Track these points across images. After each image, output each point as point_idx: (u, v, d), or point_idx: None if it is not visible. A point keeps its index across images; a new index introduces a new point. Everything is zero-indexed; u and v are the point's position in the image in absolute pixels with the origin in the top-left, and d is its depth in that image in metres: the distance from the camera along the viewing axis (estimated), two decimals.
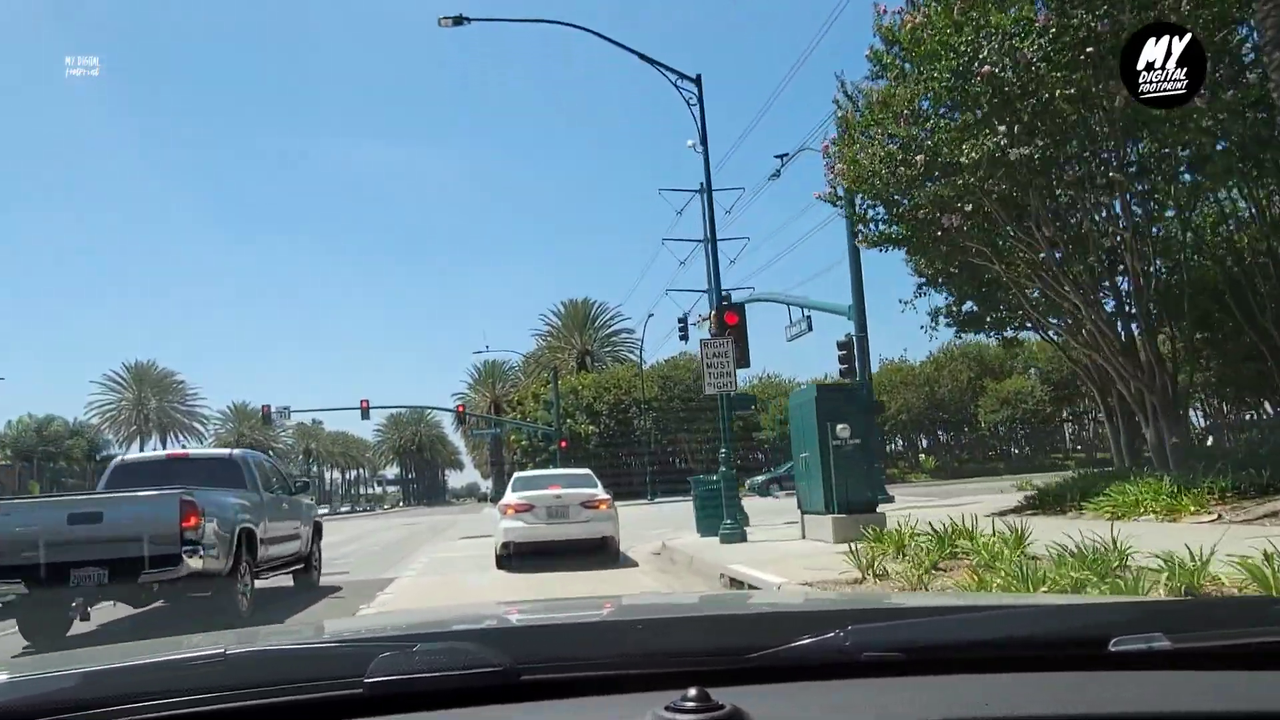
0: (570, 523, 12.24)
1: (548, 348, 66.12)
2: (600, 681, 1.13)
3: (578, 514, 12.27)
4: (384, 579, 12.42)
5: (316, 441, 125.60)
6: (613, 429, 54.99)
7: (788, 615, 1.74)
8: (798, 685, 1.11)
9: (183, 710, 1.06)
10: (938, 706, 1.00)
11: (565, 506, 12.28)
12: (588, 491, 12.72)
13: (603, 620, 1.79)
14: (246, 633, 2.18)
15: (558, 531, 12.19)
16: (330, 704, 1.07)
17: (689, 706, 0.93)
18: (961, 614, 1.51)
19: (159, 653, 1.34)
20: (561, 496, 12.37)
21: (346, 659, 1.17)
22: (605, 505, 12.57)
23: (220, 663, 1.17)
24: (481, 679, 1.08)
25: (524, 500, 12.38)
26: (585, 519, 12.32)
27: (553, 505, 12.24)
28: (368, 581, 12.13)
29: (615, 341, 67.41)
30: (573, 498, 12.41)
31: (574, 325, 66.52)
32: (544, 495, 12.41)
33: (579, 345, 66.13)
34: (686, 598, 4.36)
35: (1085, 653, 1.19)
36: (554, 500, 12.30)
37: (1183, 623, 1.29)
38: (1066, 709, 1.02)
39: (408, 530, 28.44)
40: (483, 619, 1.84)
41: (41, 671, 1.26)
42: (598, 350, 66.64)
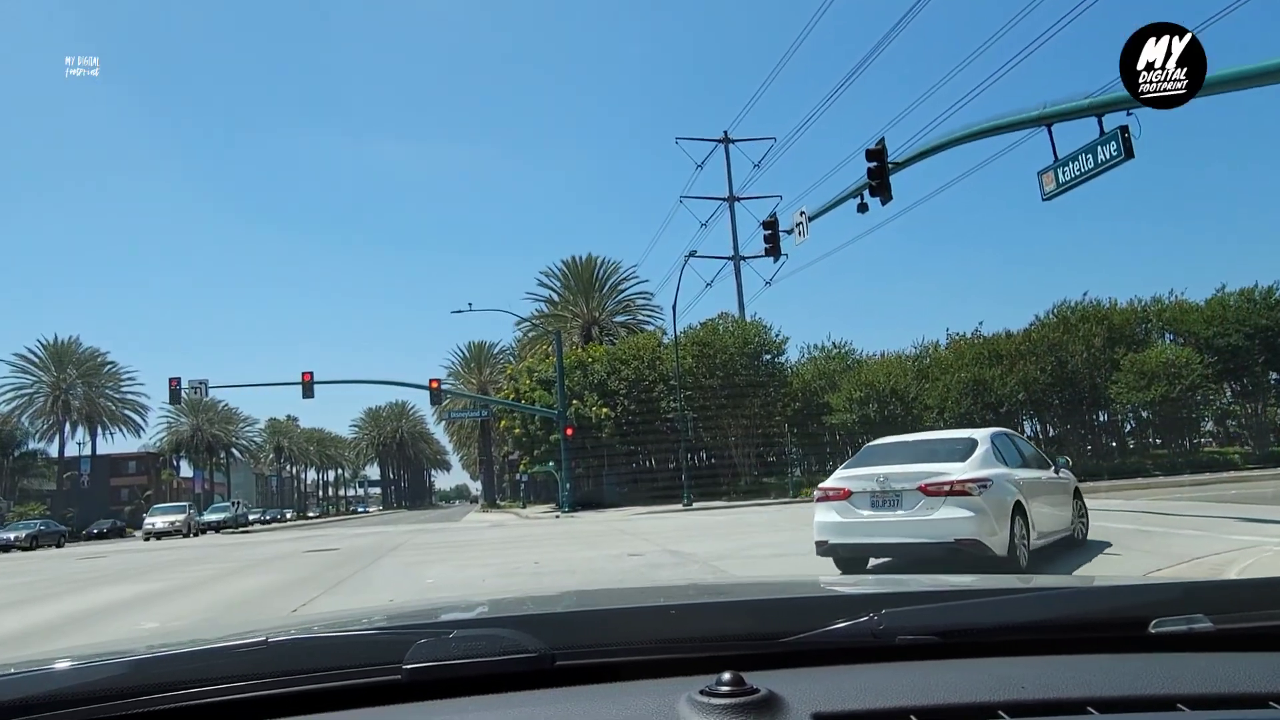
0: (902, 517, 7.91)
1: (548, 315, 52.07)
2: (635, 666, 1.13)
3: (913, 502, 7.87)
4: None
5: (289, 439, 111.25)
6: (632, 413, 41.24)
7: (821, 600, 1.67)
8: (832, 669, 1.09)
9: (227, 696, 1.06)
10: (974, 689, 0.98)
11: (896, 493, 7.95)
12: (931, 469, 8.02)
13: (637, 606, 1.66)
14: (289, 621, 2.02)
15: (880, 529, 7.99)
16: (370, 689, 1.07)
17: (724, 690, 0.92)
18: (996, 596, 1.42)
19: (204, 641, 1.30)
20: (888, 477, 8.01)
21: (385, 646, 1.16)
22: (964, 489, 7.73)
23: (263, 649, 1.14)
24: (517, 664, 1.09)
25: (841, 482, 8.39)
26: (926, 511, 7.80)
27: (876, 490, 8.06)
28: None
29: (630, 307, 53.52)
30: (906, 477, 7.94)
31: (579, 289, 52.62)
32: (866, 475, 8.21)
33: (585, 313, 52.21)
34: (720, 584, 3.81)
35: (1124, 634, 1.15)
36: (877, 483, 8.04)
37: (1225, 604, 1.24)
38: (1106, 691, 0.98)
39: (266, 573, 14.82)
40: (519, 606, 1.86)
41: (92, 660, 1.21)
42: (607, 319, 52.75)
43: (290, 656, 1.16)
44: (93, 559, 23.06)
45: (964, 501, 7.78)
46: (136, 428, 71.67)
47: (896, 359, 42.61)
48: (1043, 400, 39.31)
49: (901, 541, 8.03)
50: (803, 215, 20.98)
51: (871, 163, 16.86)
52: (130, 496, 77.94)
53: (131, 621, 8.89)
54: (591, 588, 6.33)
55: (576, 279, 52.92)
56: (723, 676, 0.94)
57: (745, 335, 40.37)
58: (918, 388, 38.92)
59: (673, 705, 0.95)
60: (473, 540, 19.84)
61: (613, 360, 42.76)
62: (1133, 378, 38.87)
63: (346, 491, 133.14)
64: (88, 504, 65.84)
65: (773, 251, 21.85)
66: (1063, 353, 38.68)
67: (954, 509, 7.76)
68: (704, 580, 7.54)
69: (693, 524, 19.96)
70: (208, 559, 18.80)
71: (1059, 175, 13.06)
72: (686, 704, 0.94)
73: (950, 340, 43.96)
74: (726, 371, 39.43)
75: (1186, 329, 40.43)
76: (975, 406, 37.83)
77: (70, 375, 65.03)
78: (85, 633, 8.34)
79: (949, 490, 7.83)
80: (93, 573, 16.78)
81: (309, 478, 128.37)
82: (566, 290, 53.10)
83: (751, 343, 40.23)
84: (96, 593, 12.56)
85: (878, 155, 16.84)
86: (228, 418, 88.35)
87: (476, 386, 68.30)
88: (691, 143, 52.22)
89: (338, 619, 1.80)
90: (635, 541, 15.32)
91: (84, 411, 66.14)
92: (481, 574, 11.53)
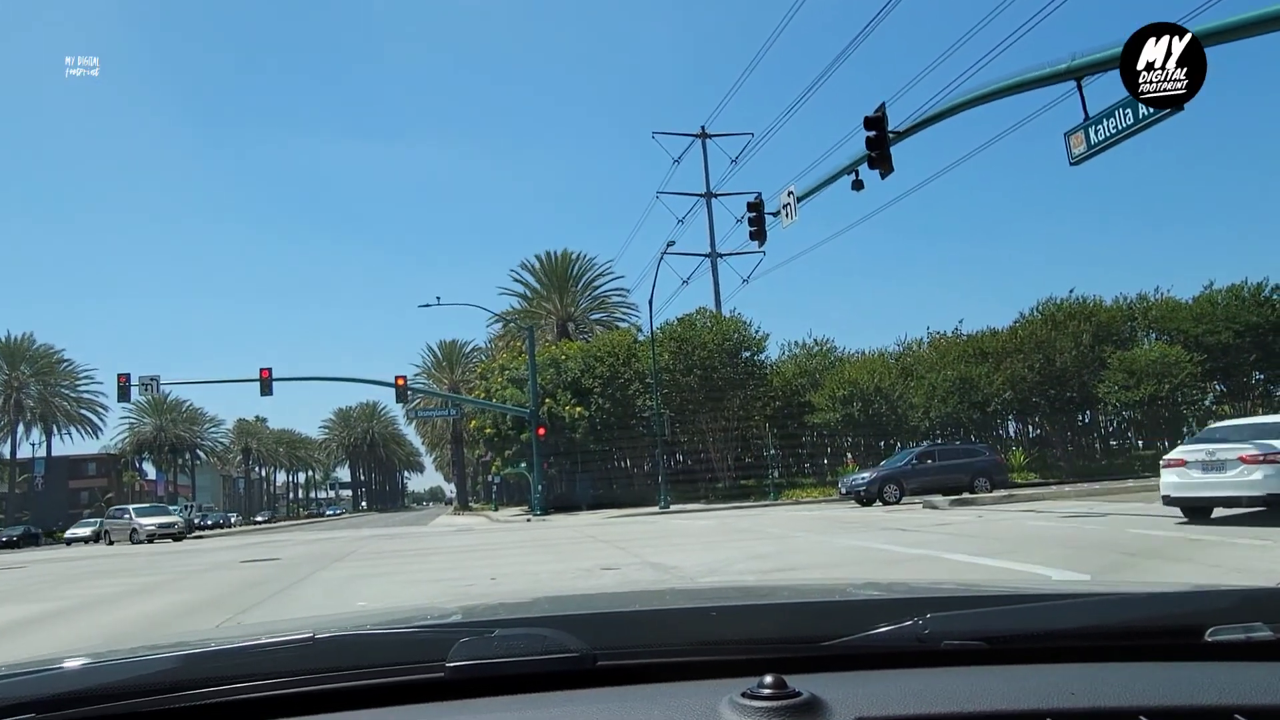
0: (1225, 478, 10.98)
1: (521, 312, 50.05)
2: (676, 668, 1.12)
3: (1234, 468, 10.92)
4: None
5: (257, 440, 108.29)
6: (607, 412, 39.39)
7: (865, 604, 1.65)
8: (875, 673, 1.07)
9: (275, 691, 1.07)
10: (1021, 696, 0.96)
11: (1220, 461, 11.06)
12: (1241, 446, 11.02)
13: (679, 608, 1.66)
14: (335, 618, 1.72)
15: (1208, 487, 11.20)
16: (413, 686, 1.08)
17: (765, 694, 0.91)
18: (1045, 601, 1.40)
19: (252, 637, 1.30)
20: (1214, 450, 11.19)
21: (429, 644, 1.16)
22: (1273, 459, 10.58)
23: (309, 646, 1.16)
24: (559, 664, 1.09)
25: (1179, 455, 11.75)
26: (1245, 474, 10.77)
27: (1205, 459, 11.26)
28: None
29: (606, 304, 51.66)
30: (1229, 450, 11.05)
31: (553, 285, 50.65)
32: (1196, 449, 11.52)
33: (559, 310, 50.29)
34: (762, 586, 3.75)
35: (1178, 642, 1.12)
36: (1206, 454, 11.28)
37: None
38: (1159, 700, 0.95)
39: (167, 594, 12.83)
40: (561, 606, 1.82)
41: (146, 654, 1.24)
42: (582, 316, 50.88)
43: (336, 653, 1.17)
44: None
45: (1272, 469, 10.54)
46: (94, 428, 68.70)
47: (879, 357, 41.12)
48: (1029, 400, 37.89)
49: (1224, 495, 11.00)
50: (791, 195, 19.30)
51: (870, 131, 15.19)
52: (91, 499, 74.90)
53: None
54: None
55: (551, 275, 51.01)
56: (764, 679, 0.93)
57: (724, 331, 38.63)
58: (903, 386, 37.38)
59: (714, 707, 0.93)
60: (432, 548, 17.92)
61: (587, 357, 40.91)
62: (1122, 376, 37.64)
63: (317, 493, 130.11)
64: (45, 507, 62.99)
65: (758, 235, 20.14)
66: (1051, 350, 37.31)
67: (1263, 472, 10.55)
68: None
69: (672, 529, 18.18)
70: (126, 570, 16.69)
71: (1090, 135, 11.45)
72: (728, 706, 0.92)
73: (932, 339, 42.62)
74: (704, 369, 37.69)
75: (1175, 326, 39.27)
76: (962, 405, 36.40)
77: (24, 374, 62.10)
78: None
79: (1261, 460, 10.62)
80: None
81: (279, 479, 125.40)
82: (541, 286, 51.15)
83: (730, 339, 38.54)
84: None
85: (877, 123, 15.18)
86: (193, 418, 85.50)
87: (449, 386, 66.17)
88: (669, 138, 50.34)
89: (383, 617, 1.76)
90: (610, 551, 13.52)
91: (38, 411, 63.23)
92: (431, 592, 9.71)
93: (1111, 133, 11.13)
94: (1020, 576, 7.67)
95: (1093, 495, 18.94)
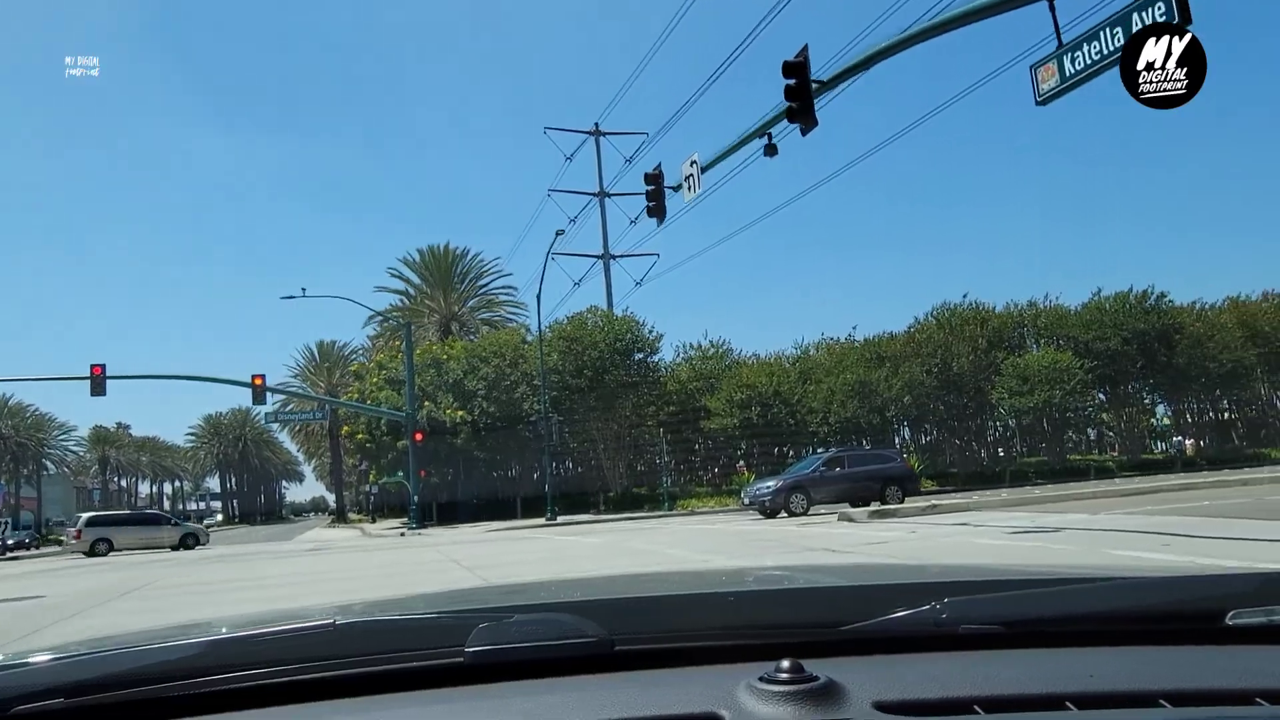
0: None
1: (402, 309, 46.04)
2: (694, 653, 1.11)
3: None
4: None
5: (118, 448, 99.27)
6: (492, 415, 36.06)
7: (882, 588, 1.60)
8: (893, 657, 1.07)
9: (296, 677, 1.08)
10: (1040, 680, 0.95)
11: None
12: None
13: (696, 593, 1.62)
14: (354, 605, 1.74)
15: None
16: (433, 672, 1.09)
17: (783, 678, 0.91)
18: (1063, 585, 1.39)
19: (274, 622, 1.30)
20: None
21: (448, 630, 1.16)
22: None
23: (330, 632, 1.16)
24: (577, 649, 1.09)
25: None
26: None
27: None
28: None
29: (493, 303, 48.19)
30: None
31: (436, 282, 46.82)
32: None
33: (442, 308, 46.51)
34: (778, 571, 2.95)
35: (1198, 626, 1.11)
36: None
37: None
38: (1179, 683, 0.94)
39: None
40: (578, 591, 1.82)
41: (166, 640, 1.22)
42: (468, 316, 47.26)
43: (357, 639, 1.17)
44: None
45: None
46: None
47: (777, 360, 39.25)
48: (926, 405, 36.62)
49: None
50: (694, 165, 16.73)
51: (790, 79, 12.71)
52: None
53: None
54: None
55: (434, 271, 47.24)
56: (781, 664, 0.92)
57: (616, 331, 35.93)
58: (802, 390, 35.50)
59: (731, 692, 0.93)
60: (262, 577, 14.37)
61: (471, 357, 37.51)
62: (1014, 382, 36.83)
63: (185, 505, 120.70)
64: None
65: (657, 211, 17.52)
66: (947, 354, 36.16)
67: None
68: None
69: (561, 549, 15.27)
70: None
71: (1065, 65, 9.30)
72: (745, 690, 0.92)
73: (828, 344, 41.15)
74: (596, 370, 34.89)
75: (1064, 332, 38.87)
76: (861, 410, 34.77)
77: None
78: None
79: None
80: None
81: (142, 490, 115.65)
82: (423, 283, 47.32)
83: (623, 339, 35.88)
84: None
85: (797, 70, 12.71)
86: (38, 424, 77.06)
87: (326, 389, 61.16)
88: (561, 134, 47.48)
89: (400, 604, 1.76)
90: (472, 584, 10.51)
91: None
92: None
93: (1092, 60, 8.98)
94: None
95: (1024, 504, 16.99)
